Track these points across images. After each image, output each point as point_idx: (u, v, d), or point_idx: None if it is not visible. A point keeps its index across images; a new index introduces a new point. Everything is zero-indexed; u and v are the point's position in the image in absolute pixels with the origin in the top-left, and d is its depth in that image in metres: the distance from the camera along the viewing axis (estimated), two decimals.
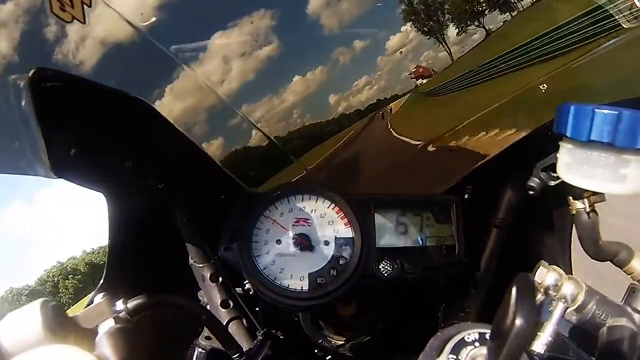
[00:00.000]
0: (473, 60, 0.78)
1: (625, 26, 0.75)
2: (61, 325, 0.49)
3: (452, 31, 0.78)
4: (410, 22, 0.75)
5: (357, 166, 0.81)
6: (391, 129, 0.79)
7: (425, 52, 0.77)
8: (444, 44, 0.77)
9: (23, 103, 0.60)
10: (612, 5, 0.75)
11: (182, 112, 0.68)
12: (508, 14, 0.79)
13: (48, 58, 0.61)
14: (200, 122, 0.70)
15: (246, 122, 0.71)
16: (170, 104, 0.67)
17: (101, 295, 0.59)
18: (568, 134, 0.58)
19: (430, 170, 0.84)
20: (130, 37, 0.63)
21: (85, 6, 0.59)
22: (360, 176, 0.81)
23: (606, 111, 0.54)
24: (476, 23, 0.79)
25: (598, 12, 0.75)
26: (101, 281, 0.81)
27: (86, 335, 0.52)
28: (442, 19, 0.78)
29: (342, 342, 0.91)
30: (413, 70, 0.77)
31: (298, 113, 0.74)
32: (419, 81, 0.78)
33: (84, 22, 0.60)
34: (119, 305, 0.61)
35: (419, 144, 0.78)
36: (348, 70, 0.75)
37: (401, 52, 0.75)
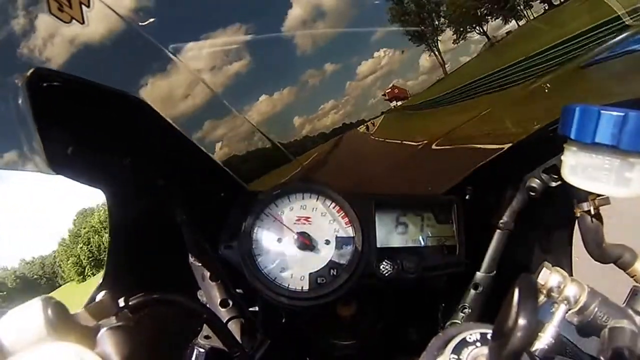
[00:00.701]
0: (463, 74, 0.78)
1: (627, 23, 0.74)
2: (63, 322, 0.48)
3: (446, 39, 0.77)
4: (386, 48, 0.74)
5: (356, 166, 0.81)
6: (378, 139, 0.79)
7: (395, 79, 0.77)
8: (436, 52, 0.76)
9: (20, 101, 0.60)
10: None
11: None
12: (514, 22, 0.77)
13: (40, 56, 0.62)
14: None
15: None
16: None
17: (102, 293, 0.59)
18: (573, 136, 0.58)
19: (431, 171, 0.84)
20: (122, 34, 0.62)
21: (83, 6, 0.59)
22: (360, 175, 0.81)
23: (612, 112, 0.54)
24: (478, 29, 0.77)
25: (595, 31, 0.75)
26: (102, 279, 0.81)
27: (87, 333, 0.52)
28: (437, 22, 0.77)
29: (342, 342, 0.92)
30: (387, 90, 0.77)
31: (260, 136, 0.74)
32: (394, 103, 0.78)
33: (83, 23, 0.60)
34: (121, 303, 0.61)
35: (418, 145, 0.78)
36: (316, 92, 0.74)
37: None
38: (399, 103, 0.78)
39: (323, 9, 0.69)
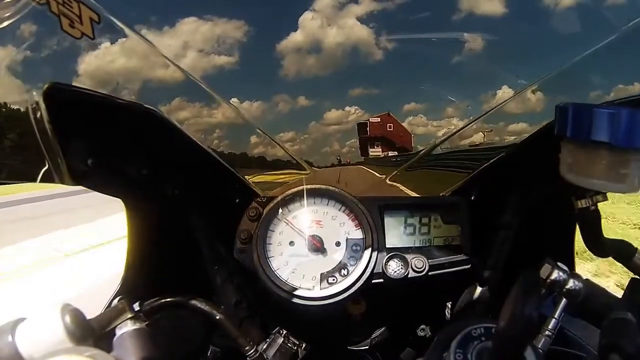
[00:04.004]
0: None
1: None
2: (80, 327, 0.49)
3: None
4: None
5: (363, 170, 0.83)
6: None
7: (354, 139, 0.79)
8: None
9: (40, 115, 0.61)
10: None
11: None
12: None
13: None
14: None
15: None
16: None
17: (118, 297, 0.60)
18: (568, 135, 0.58)
19: (437, 173, 0.86)
20: None
21: (93, 22, 0.61)
22: (368, 180, 0.83)
23: (605, 110, 0.54)
24: None
25: None
26: (119, 284, 0.82)
27: (104, 337, 0.53)
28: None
29: (353, 339, 0.93)
30: (374, 120, 0.78)
31: (219, 134, 0.75)
32: (372, 150, 0.80)
33: (93, 38, 0.62)
34: (136, 307, 0.63)
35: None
36: (282, 118, 0.75)
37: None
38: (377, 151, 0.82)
39: (321, 47, 0.71)
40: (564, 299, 0.59)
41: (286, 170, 0.79)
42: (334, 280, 0.78)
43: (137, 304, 0.64)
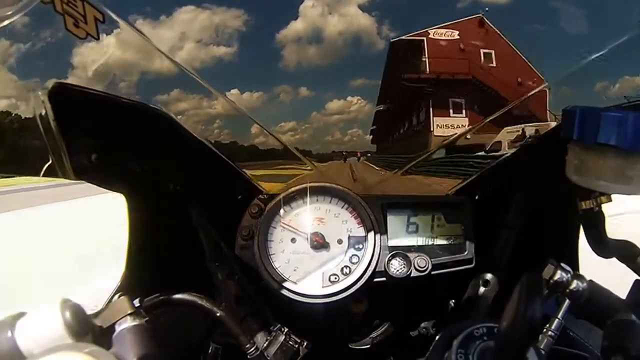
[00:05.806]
0: None
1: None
2: (80, 323, 0.49)
3: None
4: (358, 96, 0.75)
5: (366, 168, 0.82)
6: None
7: (356, 128, 0.78)
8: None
9: (44, 112, 0.61)
10: None
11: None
12: None
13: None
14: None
15: None
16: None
17: (119, 294, 0.60)
18: (575, 137, 0.58)
19: (441, 172, 0.85)
20: None
21: (98, 22, 0.60)
22: (372, 178, 0.83)
23: (612, 114, 0.54)
24: None
25: None
26: (119, 281, 0.82)
27: (104, 333, 0.53)
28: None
29: (354, 338, 0.93)
30: (441, 29, 0.71)
31: (219, 124, 0.73)
32: (441, 121, 0.78)
33: (98, 38, 0.61)
34: (136, 303, 0.62)
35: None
36: (282, 109, 0.74)
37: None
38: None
39: (322, 36, 0.69)
40: (567, 300, 0.59)
41: (288, 166, 0.79)
42: (335, 278, 0.78)
43: (137, 300, 0.64)
